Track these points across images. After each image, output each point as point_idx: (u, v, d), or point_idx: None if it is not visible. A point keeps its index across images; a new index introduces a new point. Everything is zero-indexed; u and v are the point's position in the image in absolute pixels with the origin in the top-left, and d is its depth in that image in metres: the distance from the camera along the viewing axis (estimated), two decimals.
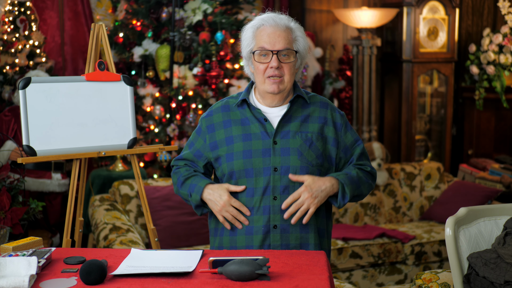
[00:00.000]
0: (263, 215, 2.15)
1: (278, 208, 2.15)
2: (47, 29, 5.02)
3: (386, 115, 5.97)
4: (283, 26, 2.16)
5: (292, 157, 2.15)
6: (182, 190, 2.25)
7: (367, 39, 5.34)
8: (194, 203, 2.21)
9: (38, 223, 4.35)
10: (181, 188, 2.25)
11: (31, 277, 1.74)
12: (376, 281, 4.16)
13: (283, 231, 2.15)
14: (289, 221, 2.16)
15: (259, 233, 2.15)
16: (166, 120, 4.58)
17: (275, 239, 2.15)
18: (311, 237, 2.18)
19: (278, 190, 2.15)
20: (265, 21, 2.17)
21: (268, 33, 2.15)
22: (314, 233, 2.18)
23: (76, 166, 2.78)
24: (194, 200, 2.20)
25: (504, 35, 5.52)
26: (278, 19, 2.17)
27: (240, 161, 2.16)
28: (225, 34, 4.56)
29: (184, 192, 2.24)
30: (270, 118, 2.21)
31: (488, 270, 2.10)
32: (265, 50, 2.15)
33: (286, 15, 2.22)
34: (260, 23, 2.18)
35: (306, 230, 2.17)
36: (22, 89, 2.64)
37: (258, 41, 2.17)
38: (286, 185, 2.15)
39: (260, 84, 2.19)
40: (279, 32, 2.15)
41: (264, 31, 2.16)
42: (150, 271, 1.81)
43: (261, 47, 2.15)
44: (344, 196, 2.17)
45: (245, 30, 2.23)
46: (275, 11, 2.23)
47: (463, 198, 4.53)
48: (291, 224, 2.16)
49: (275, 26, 2.15)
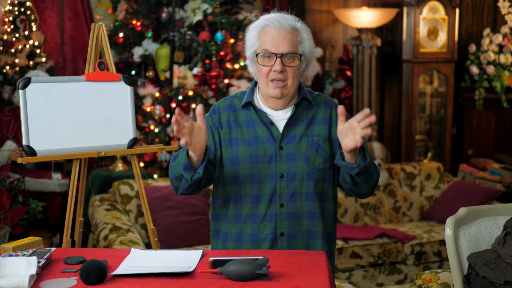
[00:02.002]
0: (270, 223, 2.12)
1: (285, 215, 2.11)
2: (47, 29, 5.02)
3: (386, 115, 5.97)
4: (289, 27, 2.09)
5: (299, 163, 2.11)
6: (174, 162, 2.08)
7: (367, 39, 5.34)
8: (182, 162, 2.01)
9: (38, 223, 4.35)
10: (174, 161, 2.08)
11: (31, 277, 1.74)
12: (376, 281, 4.16)
13: (290, 238, 2.12)
14: (297, 228, 2.12)
15: (266, 241, 2.12)
16: (166, 120, 4.58)
17: (282, 247, 2.12)
18: (319, 244, 2.15)
19: (285, 197, 2.11)
20: (270, 22, 2.10)
21: (273, 35, 2.08)
22: (322, 240, 2.15)
23: (76, 166, 2.77)
24: (181, 158, 2.01)
25: (504, 35, 5.52)
26: (284, 20, 2.09)
27: (246, 166, 2.12)
28: (225, 34, 4.57)
29: (175, 163, 2.07)
30: (276, 121, 2.16)
31: (488, 270, 2.10)
32: (268, 53, 2.08)
33: (292, 15, 2.15)
34: (264, 24, 2.11)
35: (313, 236, 2.14)
36: (22, 89, 2.64)
37: (262, 43, 2.10)
38: (293, 192, 2.12)
39: (263, 87, 2.13)
40: (284, 34, 2.08)
41: (269, 32, 2.09)
42: (150, 271, 1.81)
43: (265, 49, 2.09)
44: (364, 157, 2.02)
45: (249, 30, 2.16)
46: (282, 11, 2.16)
47: (463, 198, 4.53)
48: (298, 231, 2.12)
49: (280, 27, 2.08)
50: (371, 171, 2.09)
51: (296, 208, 2.13)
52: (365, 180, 2.10)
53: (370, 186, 2.13)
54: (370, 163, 2.06)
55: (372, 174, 2.10)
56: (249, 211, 2.13)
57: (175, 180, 2.10)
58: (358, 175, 2.06)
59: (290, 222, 2.12)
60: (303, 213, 2.13)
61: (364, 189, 2.14)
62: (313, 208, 2.13)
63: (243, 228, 2.14)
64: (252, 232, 2.13)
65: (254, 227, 2.13)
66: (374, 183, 2.14)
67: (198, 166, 2.01)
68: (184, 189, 2.10)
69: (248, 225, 2.14)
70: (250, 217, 2.13)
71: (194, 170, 2.01)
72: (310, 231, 2.14)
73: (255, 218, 2.13)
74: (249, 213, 2.13)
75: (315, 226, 2.14)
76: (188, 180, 2.02)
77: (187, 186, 2.07)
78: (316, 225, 2.14)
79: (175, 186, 2.13)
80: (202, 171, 2.00)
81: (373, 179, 2.12)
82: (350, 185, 2.13)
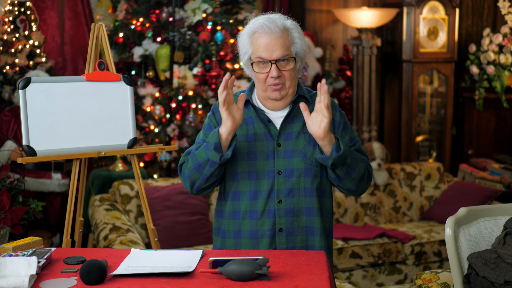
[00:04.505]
0: (268, 219, 2.13)
1: (283, 211, 2.13)
2: (47, 29, 5.02)
3: (386, 115, 5.97)
4: (278, 30, 2.09)
5: (296, 160, 2.13)
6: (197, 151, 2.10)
7: (367, 39, 5.34)
8: (213, 141, 2.03)
9: (38, 223, 4.35)
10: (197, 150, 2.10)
11: (31, 277, 1.74)
12: (376, 281, 4.16)
13: (289, 234, 2.14)
14: (295, 224, 2.14)
15: (265, 237, 2.13)
16: (166, 120, 4.58)
17: (281, 243, 2.14)
18: (317, 240, 2.16)
19: (282, 193, 2.13)
20: (259, 28, 2.09)
21: (265, 42, 2.08)
22: (320, 236, 2.16)
23: (76, 166, 2.78)
24: (212, 138, 2.03)
25: (504, 35, 5.52)
26: (272, 24, 2.09)
27: (244, 162, 2.14)
28: (225, 34, 4.57)
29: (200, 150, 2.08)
30: (273, 119, 2.18)
31: (488, 270, 2.10)
32: (263, 60, 2.09)
33: (279, 14, 2.15)
34: (254, 29, 2.11)
35: (312, 232, 2.16)
36: (22, 89, 2.64)
37: (255, 50, 2.11)
38: (290, 188, 2.13)
39: (262, 92, 2.16)
40: (275, 40, 2.08)
41: (260, 39, 2.09)
42: (150, 271, 1.81)
43: (258, 56, 2.10)
44: (338, 148, 2.02)
45: (240, 36, 2.17)
46: (269, 12, 2.17)
47: (463, 198, 4.53)
48: (296, 227, 2.14)
49: (270, 33, 2.08)
50: (352, 163, 2.08)
51: (294, 204, 2.14)
52: (347, 173, 2.09)
53: (356, 180, 2.12)
54: (347, 155, 2.06)
55: (354, 167, 2.09)
56: (247, 207, 2.15)
57: (195, 171, 2.11)
58: (337, 168, 2.07)
59: (288, 218, 2.14)
60: (301, 209, 2.15)
61: (350, 185, 2.13)
62: (311, 204, 2.15)
63: (242, 225, 2.16)
64: (250, 228, 2.15)
65: (252, 223, 2.14)
66: (359, 177, 2.12)
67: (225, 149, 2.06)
68: (204, 179, 2.11)
69: (247, 222, 2.15)
70: (248, 213, 2.15)
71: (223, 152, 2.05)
72: (308, 227, 2.16)
73: (254, 214, 2.14)
74: (248, 209, 2.15)
75: (313, 222, 2.16)
76: (216, 162, 2.05)
77: (209, 174, 2.09)
78: (314, 221, 2.16)
79: (193, 180, 2.13)
80: (230, 153, 2.05)
81: (357, 173, 2.10)
82: (335, 181, 2.13)
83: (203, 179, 2.11)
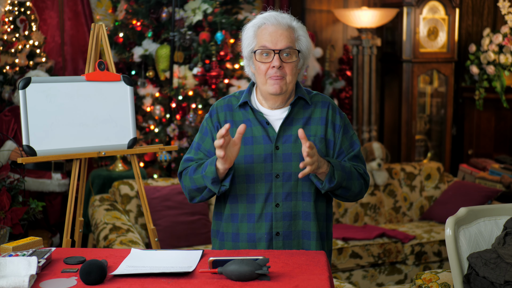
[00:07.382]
0: (265, 222, 2.13)
1: (280, 215, 2.12)
2: (47, 29, 5.02)
3: (386, 115, 5.97)
4: (285, 25, 2.10)
5: (294, 163, 2.11)
6: (195, 175, 2.12)
7: (367, 39, 5.34)
8: (210, 175, 2.05)
9: (38, 223, 4.35)
10: (194, 173, 2.12)
11: (31, 277, 1.74)
12: (376, 281, 4.16)
13: (286, 238, 2.13)
14: (292, 228, 2.13)
15: (262, 241, 2.13)
16: (166, 120, 4.58)
17: (278, 246, 2.13)
18: (313, 244, 2.15)
19: (280, 197, 2.12)
20: (267, 20, 2.11)
21: (270, 31, 2.09)
22: (316, 241, 2.15)
23: (76, 166, 2.78)
24: (210, 172, 2.05)
25: (504, 35, 5.52)
26: (280, 18, 2.11)
27: (241, 166, 2.12)
28: (225, 34, 4.57)
29: (197, 175, 2.11)
30: (272, 121, 2.16)
31: (488, 270, 2.10)
32: (266, 49, 2.09)
33: (288, 14, 2.16)
34: (262, 22, 2.12)
35: (308, 236, 2.15)
36: (22, 89, 2.64)
37: (259, 40, 2.11)
38: (288, 192, 2.12)
39: (261, 85, 2.14)
40: (281, 31, 2.09)
41: (266, 29, 2.10)
42: (150, 271, 1.81)
43: (262, 46, 2.09)
44: (331, 180, 2.05)
45: (246, 29, 2.16)
46: (277, 10, 2.18)
47: (463, 198, 4.53)
48: (293, 231, 2.14)
49: (277, 24, 2.10)
50: (347, 185, 2.12)
51: (291, 208, 2.13)
52: (342, 193, 2.14)
53: (351, 197, 2.18)
54: (342, 182, 2.08)
55: (349, 188, 2.14)
56: (245, 210, 2.14)
57: (195, 191, 2.16)
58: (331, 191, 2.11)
59: (285, 222, 2.13)
60: (298, 213, 2.14)
61: (346, 199, 2.20)
62: (308, 209, 2.14)
63: (240, 228, 2.16)
64: (248, 231, 2.14)
65: (250, 227, 2.14)
66: (354, 194, 2.18)
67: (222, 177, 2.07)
68: (204, 199, 2.18)
69: (244, 225, 2.15)
70: (246, 216, 2.15)
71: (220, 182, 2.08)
72: (305, 231, 2.15)
73: (251, 218, 2.14)
74: (245, 212, 2.14)
75: (309, 226, 2.15)
76: (216, 193, 2.10)
77: (208, 197, 2.16)
78: (310, 225, 2.15)
79: (192, 196, 2.19)
80: (228, 184, 2.08)
81: (352, 192, 2.15)
82: (330, 194, 2.17)
83: (203, 198, 2.18)
